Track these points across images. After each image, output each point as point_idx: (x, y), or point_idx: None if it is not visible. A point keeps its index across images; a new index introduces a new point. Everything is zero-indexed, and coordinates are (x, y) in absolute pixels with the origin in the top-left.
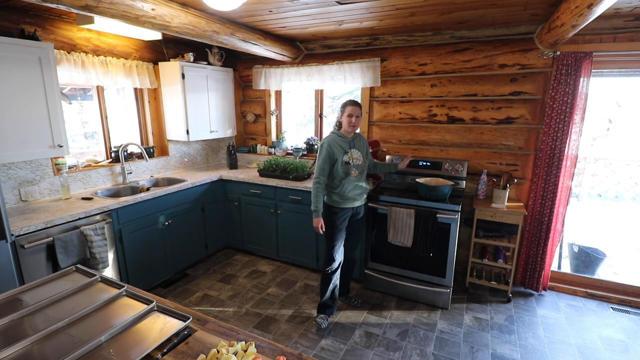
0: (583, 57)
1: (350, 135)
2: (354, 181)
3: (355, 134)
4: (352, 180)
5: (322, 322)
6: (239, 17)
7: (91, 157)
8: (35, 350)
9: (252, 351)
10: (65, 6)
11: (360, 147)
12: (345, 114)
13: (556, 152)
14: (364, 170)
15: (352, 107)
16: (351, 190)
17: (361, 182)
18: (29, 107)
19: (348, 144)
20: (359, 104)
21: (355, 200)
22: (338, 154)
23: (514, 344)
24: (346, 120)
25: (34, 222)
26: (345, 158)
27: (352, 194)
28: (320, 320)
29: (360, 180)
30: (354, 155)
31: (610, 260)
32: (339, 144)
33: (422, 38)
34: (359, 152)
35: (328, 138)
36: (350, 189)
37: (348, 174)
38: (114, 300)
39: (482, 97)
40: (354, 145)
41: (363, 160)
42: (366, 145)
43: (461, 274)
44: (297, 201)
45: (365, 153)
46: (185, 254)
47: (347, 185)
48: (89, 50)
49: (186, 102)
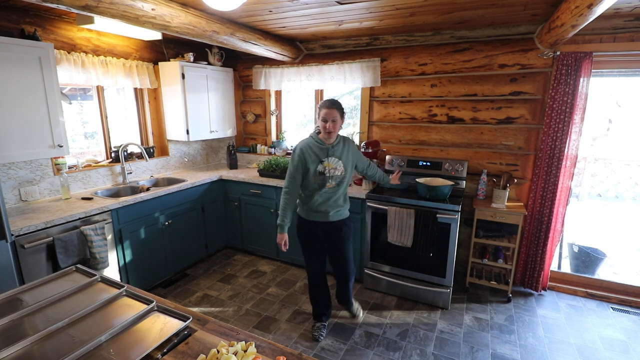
0: (583, 57)
1: (330, 141)
2: (328, 194)
3: (340, 139)
4: (326, 192)
5: (319, 335)
6: (239, 17)
7: (91, 157)
8: (35, 350)
9: (252, 351)
10: (65, 6)
11: (343, 155)
12: (319, 117)
13: (556, 152)
14: (343, 182)
15: (326, 110)
16: (322, 204)
17: (337, 195)
18: (29, 107)
19: (325, 151)
20: (336, 105)
21: (328, 214)
22: (310, 163)
23: (514, 344)
24: (320, 124)
25: (34, 222)
26: (319, 168)
27: (322, 207)
28: (316, 334)
29: (336, 193)
30: (331, 165)
31: (610, 260)
32: (313, 150)
33: (422, 38)
34: (341, 161)
35: (301, 143)
36: (321, 202)
37: (322, 186)
38: (114, 300)
39: (482, 97)
40: (333, 152)
41: (345, 170)
42: (354, 152)
43: (461, 274)
44: None
45: (350, 162)
46: (185, 254)
47: (318, 198)
48: (89, 50)
49: (186, 102)
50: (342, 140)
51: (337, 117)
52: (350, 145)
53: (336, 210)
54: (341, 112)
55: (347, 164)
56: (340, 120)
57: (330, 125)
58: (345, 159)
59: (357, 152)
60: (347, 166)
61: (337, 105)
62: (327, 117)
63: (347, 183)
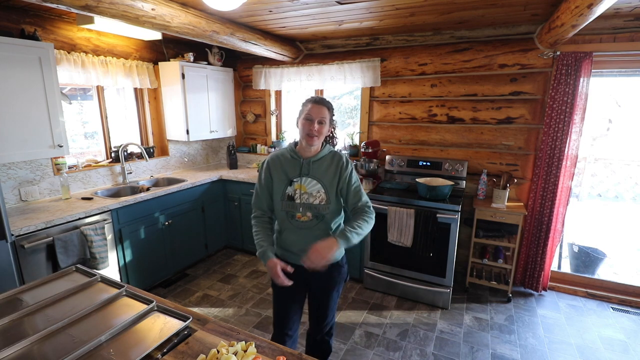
0: (583, 57)
1: (309, 152)
2: (301, 229)
3: (327, 153)
4: (296, 227)
5: None
6: (239, 17)
7: (91, 157)
8: (35, 350)
9: (252, 351)
10: (65, 6)
11: (326, 176)
12: (302, 115)
13: (556, 152)
14: (323, 214)
15: (313, 106)
16: (295, 243)
17: (318, 232)
18: (29, 107)
19: (299, 167)
20: (326, 104)
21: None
22: (277, 181)
23: (514, 344)
24: (302, 125)
25: (34, 222)
26: (288, 190)
27: (296, 247)
28: None
29: (314, 228)
30: (304, 188)
31: (610, 260)
32: (283, 166)
33: (422, 38)
34: (321, 184)
35: (271, 155)
36: (294, 240)
37: (292, 216)
38: (113, 300)
39: (482, 97)
40: (308, 171)
41: (327, 199)
42: (344, 176)
43: (461, 274)
44: None
45: (335, 189)
46: (185, 254)
47: (288, 234)
48: (89, 50)
49: (186, 102)
50: (329, 156)
51: (325, 118)
52: (342, 165)
53: None
54: (332, 113)
55: (331, 191)
56: (328, 124)
57: (316, 127)
58: (328, 182)
59: (351, 179)
60: (331, 193)
61: (328, 104)
62: (314, 115)
63: (334, 216)
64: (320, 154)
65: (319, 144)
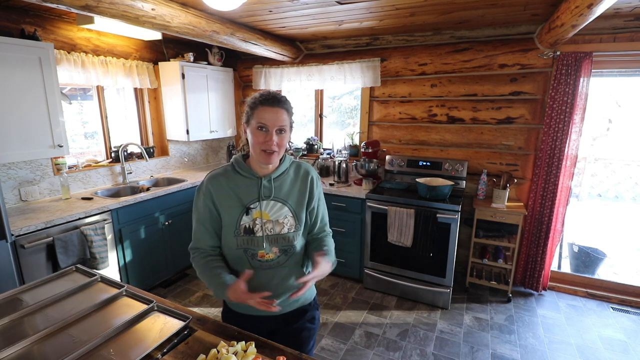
0: (583, 57)
1: (265, 169)
2: (264, 270)
3: (287, 162)
4: (259, 267)
5: None
6: (239, 17)
7: (91, 157)
8: (35, 350)
9: (252, 351)
10: (65, 6)
11: (292, 195)
12: (252, 121)
13: (556, 152)
14: (293, 244)
15: (267, 109)
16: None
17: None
18: (29, 107)
19: (256, 189)
20: (283, 104)
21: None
22: (225, 212)
23: (514, 344)
24: (254, 136)
25: (34, 222)
26: (244, 221)
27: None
28: None
29: (283, 266)
30: (267, 215)
31: (610, 260)
32: (231, 186)
33: (422, 38)
34: (287, 206)
35: (211, 175)
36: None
37: (252, 255)
38: (113, 300)
39: (482, 97)
40: (270, 192)
41: (294, 223)
42: (314, 190)
43: (461, 273)
44: None
45: (305, 208)
46: (186, 254)
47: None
48: (89, 50)
49: (186, 102)
50: (292, 169)
51: (285, 124)
52: (311, 180)
53: (287, 293)
54: (291, 115)
55: (299, 213)
56: (289, 130)
57: (275, 141)
58: (294, 203)
59: (322, 197)
60: (300, 216)
61: (287, 104)
62: (269, 122)
63: (302, 245)
64: (281, 168)
65: (279, 158)
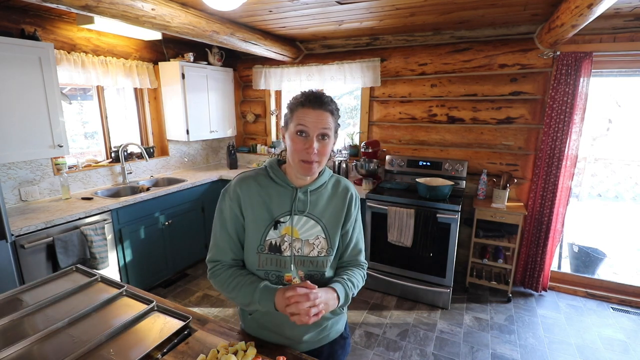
0: (583, 57)
1: (302, 180)
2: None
3: (326, 176)
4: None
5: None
6: (239, 17)
7: (91, 157)
8: (35, 350)
9: (252, 351)
10: (65, 6)
11: (326, 211)
12: (291, 124)
13: (556, 152)
14: (323, 272)
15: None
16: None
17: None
18: (29, 107)
19: (289, 201)
20: (328, 105)
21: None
22: (251, 222)
23: (514, 344)
24: (293, 142)
25: (34, 222)
26: (270, 236)
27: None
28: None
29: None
30: (297, 232)
31: (610, 260)
32: (261, 195)
33: (422, 38)
34: (320, 225)
35: (241, 177)
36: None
37: (277, 277)
38: (113, 300)
39: (482, 97)
40: (305, 207)
41: (326, 247)
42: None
43: (461, 274)
44: None
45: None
46: (185, 254)
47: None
48: (89, 50)
49: (186, 102)
50: (331, 184)
51: (329, 129)
52: (350, 199)
53: (317, 329)
54: (336, 118)
55: (334, 235)
56: (334, 136)
57: (316, 149)
58: (330, 223)
59: (358, 220)
60: (333, 239)
61: (332, 105)
62: (311, 126)
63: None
64: (319, 181)
65: (320, 169)
